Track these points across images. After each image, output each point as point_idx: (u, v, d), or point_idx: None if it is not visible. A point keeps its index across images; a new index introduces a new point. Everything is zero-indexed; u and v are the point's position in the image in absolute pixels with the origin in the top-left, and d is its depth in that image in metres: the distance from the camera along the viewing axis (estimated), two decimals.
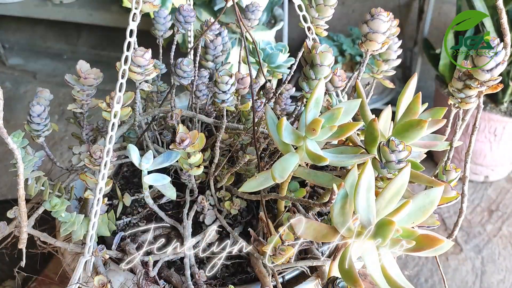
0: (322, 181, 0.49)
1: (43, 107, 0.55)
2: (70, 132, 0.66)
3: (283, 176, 0.45)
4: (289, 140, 0.46)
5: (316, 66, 0.50)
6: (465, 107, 0.51)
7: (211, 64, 0.66)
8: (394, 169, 0.45)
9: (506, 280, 1.34)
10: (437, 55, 1.60)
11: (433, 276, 1.34)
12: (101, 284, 0.49)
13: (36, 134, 0.56)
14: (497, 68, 0.47)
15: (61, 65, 2.32)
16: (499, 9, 0.46)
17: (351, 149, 0.50)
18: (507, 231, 1.48)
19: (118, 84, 0.48)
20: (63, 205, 0.51)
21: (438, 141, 0.53)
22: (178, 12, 0.60)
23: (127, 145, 0.65)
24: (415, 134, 0.46)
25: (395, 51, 0.59)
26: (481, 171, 1.63)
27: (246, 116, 0.64)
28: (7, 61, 2.34)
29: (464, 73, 0.49)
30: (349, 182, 0.44)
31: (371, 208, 0.41)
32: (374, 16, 0.53)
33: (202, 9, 1.47)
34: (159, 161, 0.54)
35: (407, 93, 0.51)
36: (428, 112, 0.52)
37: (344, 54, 1.80)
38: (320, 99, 0.46)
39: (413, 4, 1.85)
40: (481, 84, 0.48)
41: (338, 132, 0.45)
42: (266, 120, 0.49)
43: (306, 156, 0.46)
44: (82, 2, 2.13)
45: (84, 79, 0.56)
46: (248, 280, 0.55)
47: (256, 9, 0.61)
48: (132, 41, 0.47)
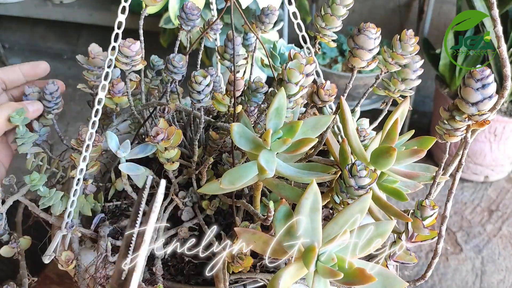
0: (288, 195, 0.46)
1: (56, 86, 0.59)
2: (70, 132, 0.67)
3: (234, 184, 0.43)
4: (246, 147, 0.44)
5: (283, 82, 0.47)
6: (450, 140, 0.46)
7: (228, 63, 0.65)
8: (354, 195, 0.43)
9: (506, 280, 1.34)
10: (437, 55, 1.60)
11: (433, 276, 1.35)
12: (67, 259, 0.52)
13: (47, 110, 0.60)
14: (483, 102, 0.41)
15: (61, 65, 2.32)
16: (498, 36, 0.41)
17: (322, 167, 0.48)
18: (507, 231, 1.48)
19: (104, 73, 0.51)
20: (41, 180, 0.54)
21: (421, 172, 0.49)
22: (182, 9, 0.60)
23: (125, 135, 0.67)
24: (386, 162, 0.44)
25: (415, 71, 0.54)
26: (481, 171, 1.63)
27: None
28: (7, 61, 2.34)
29: (453, 103, 0.44)
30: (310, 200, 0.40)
31: (316, 231, 0.39)
32: (360, 31, 0.49)
33: (207, 10, 1.47)
34: (135, 151, 0.57)
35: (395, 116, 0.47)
36: (417, 141, 0.49)
37: (344, 54, 1.80)
38: (281, 110, 0.44)
39: (413, 4, 1.85)
40: (469, 117, 0.43)
41: (293, 146, 0.43)
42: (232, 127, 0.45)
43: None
44: (82, 2, 2.14)
45: (93, 59, 0.60)
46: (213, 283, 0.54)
47: (271, 13, 0.60)
48: (119, 33, 0.50)
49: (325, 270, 0.37)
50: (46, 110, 0.60)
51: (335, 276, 0.36)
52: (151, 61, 0.67)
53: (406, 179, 0.47)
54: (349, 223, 0.40)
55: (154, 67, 0.68)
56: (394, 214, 0.45)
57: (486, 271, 1.36)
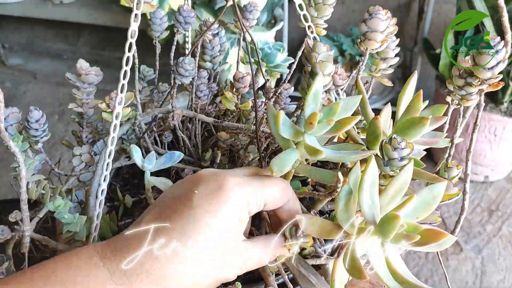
0: (324, 178, 0.48)
1: (41, 112, 0.53)
2: (70, 131, 0.66)
3: (282, 170, 0.45)
4: (287, 135, 0.46)
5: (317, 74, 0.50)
6: (467, 104, 0.52)
7: (209, 65, 0.66)
8: (397, 167, 0.45)
9: (506, 280, 1.34)
10: (437, 55, 1.60)
11: (433, 276, 1.35)
12: None
13: (35, 140, 0.53)
14: (498, 66, 0.47)
15: (61, 65, 2.32)
16: (500, 7, 0.47)
17: (352, 145, 0.50)
18: (507, 231, 1.48)
19: (120, 85, 0.48)
20: (66, 206, 0.50)
21: (438, 138, 0.53)
22: (178, 12, 0.60)
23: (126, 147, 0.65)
24: (417, 132, 0.46)
25: (393, 50, 0.60)
26: (481, 171, 1.63)
27: (247, 115, 0.64)
28: (7, 61, 2.34)
29: (465, 70, 0.50)
30: (352, 179, 0.44)
31: (375, 204, 0.41)
32: (372, 15, 0.53)
33: (203, 9, 1.47)
34: (161, 161, 0.54)
35: (408, 91, 0.51)
36: (429, 110, 0.52)
37: (344, 54, 1.80)
38: (317, 95, 0.46)
39: (413, 4, 1.86)
40: (482, 82, 0.49)
41: (336, 127, 0.44)
42: (268, 117, 0.49)
43: (306, 152, 0.46)
44: (82, 2, 2.13)
45: (86, 75, 0.55)
46: (253, 280, 0.55)
47: (254, 9, 0.61)
48: (133, 42, 0.47)
49: (400, 235, 0.39)
50: (33, 140, 0.53)
51: (412, 239, 0.38)
52: (142, 71, 0.66)
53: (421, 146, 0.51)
54: (399, 192, 0.42)
55: (145, 78, 0.67)
56: (429, 179, 0.47)
57: (486, 271, 1.36)
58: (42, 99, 2.06)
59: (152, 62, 0.66)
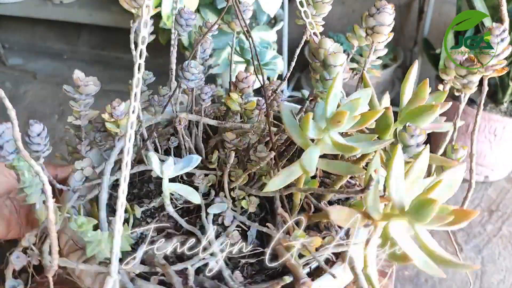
0: (342, 170, 0.52)
1: (42, 125, 0.49)
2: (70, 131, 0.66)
3: (312, 168, 0.48)
4: (313, 134, 0.48)
5: (330, 66, 0.52)
6: (469, 92, 0.54)
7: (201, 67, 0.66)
8: (413, 153, 0.48)
9: (506, 280, 1.34)
10: (437, 55, 1.60)
11: (433, 277, 1.34)
12: None
13: (36, 155, 0.50)
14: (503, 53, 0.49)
15: (61, 65, 2.32)
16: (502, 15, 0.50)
17: (366, 136, 0.52)
18: (507, 231, 1.48)
19: (133, 94, 0.44)
20: (89, 223, 0.47)
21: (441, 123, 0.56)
22: (179, 15, 0.59)
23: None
24: (427, 119, 0.49)
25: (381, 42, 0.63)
26: (481, 171, 1.63)
27: (249, 115, 0.65)
28: (7, 61, 2.34)
29: (467, 59, 0.52)
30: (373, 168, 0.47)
31: (403, 190, 0.44)
32: (380, 9, 0.56)
33: (207, 10, 1.47)
34: (180, 166, 0.52)
35: (410, 79, 0.54)
36: (431, 97, 0.54)
37: None
38: (337, 94, 0.48)
39: (413, 4, 1.85)
40: (486, 68, 0.51)
41: (360, 121, 0.47)
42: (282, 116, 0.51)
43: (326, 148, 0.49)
44: (82, 2, 2.13)
45: (85, 86, 0.53)
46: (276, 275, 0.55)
47: (247, 9, 0.62)
48: (144, 49, 0.44)
49: (436, 217, 0.41)
50: (35, 155, 0.50)
51: (445, 220, 0.40)
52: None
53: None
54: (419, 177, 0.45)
55: (145, 81, 0.66)
56: (440, 162, 0.51)
57: (486, 271, 1.36)
58: (42, 99, 2.06)
59: (151, 64, 0.66)
